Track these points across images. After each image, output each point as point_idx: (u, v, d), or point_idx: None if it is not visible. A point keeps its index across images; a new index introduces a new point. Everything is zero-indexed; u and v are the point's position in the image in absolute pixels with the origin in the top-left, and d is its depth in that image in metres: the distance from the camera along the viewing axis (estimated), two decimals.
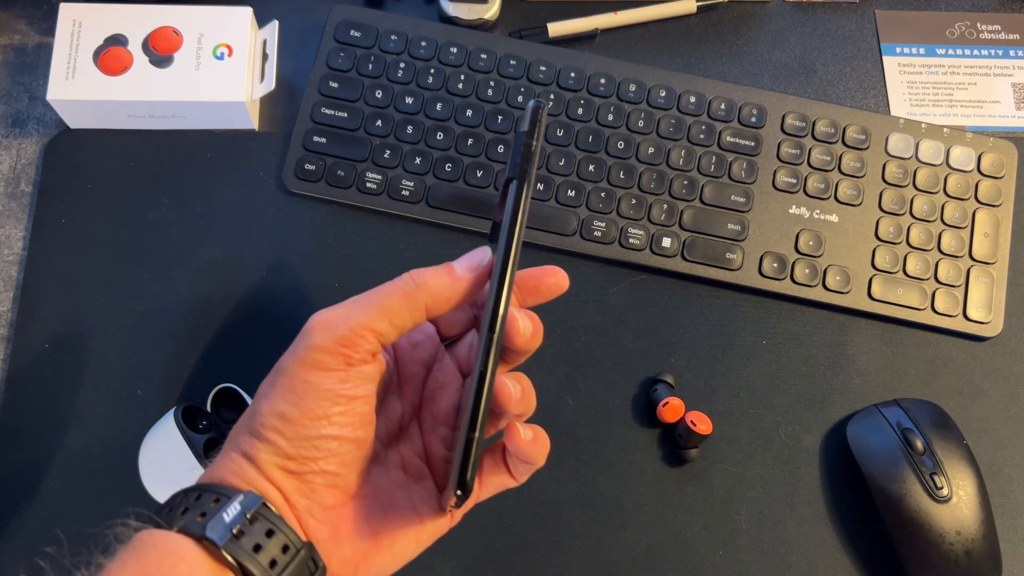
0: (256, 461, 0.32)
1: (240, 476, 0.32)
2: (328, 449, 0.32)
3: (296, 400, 0.31)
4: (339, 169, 0.56)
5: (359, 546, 0.33)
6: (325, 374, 0.32)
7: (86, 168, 0.57)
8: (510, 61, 0.59)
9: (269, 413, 0.32)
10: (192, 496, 0.32)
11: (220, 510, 0.30)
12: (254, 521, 0.30)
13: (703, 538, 0.51)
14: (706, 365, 0.54)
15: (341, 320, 0.32)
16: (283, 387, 0.32)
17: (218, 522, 0.30)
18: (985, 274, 0.56)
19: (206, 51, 0.56)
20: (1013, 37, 0.64)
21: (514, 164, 0.33)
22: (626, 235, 0.56)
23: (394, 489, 0.35)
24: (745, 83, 0.60)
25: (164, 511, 0.32)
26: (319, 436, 0.32)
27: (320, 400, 0.31)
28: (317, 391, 0.31)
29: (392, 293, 0.33)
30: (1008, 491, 0.53)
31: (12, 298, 0.54)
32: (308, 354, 0.32)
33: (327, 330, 0.32)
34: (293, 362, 0.32)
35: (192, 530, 0.30)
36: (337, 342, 0.31)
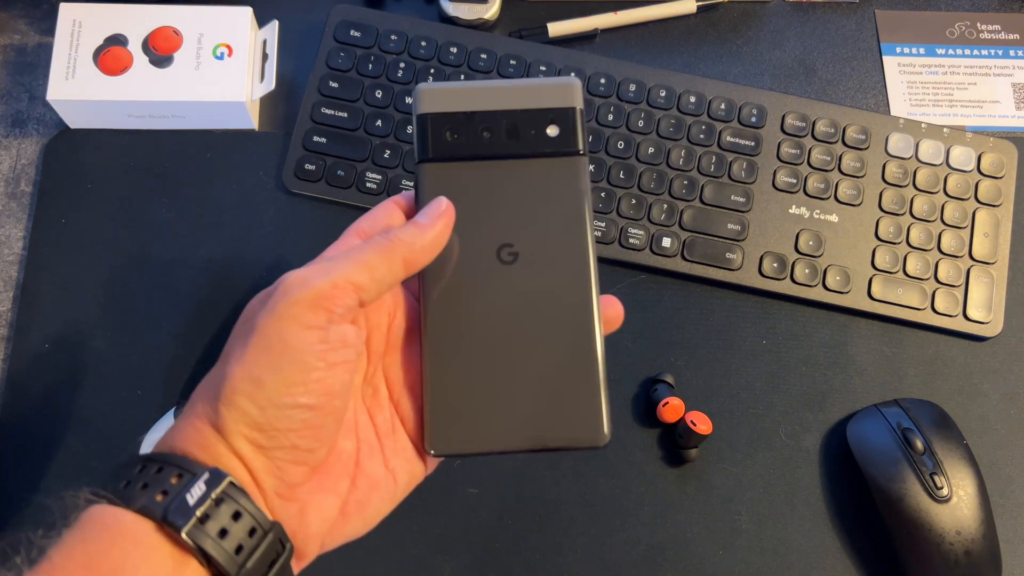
0: (224, 432, 0.29)
1: (205, 449, 0.29)
2: (302, 420, 0.30)
3: (272, 362, 0.29)
4: (339, 169, 0.56)
5: (326, 518, 0.32)
6: (304, 331, 0.29)
7: (86, 168, 0.57)
8: (510, 61, 0.59)
9: (241, 377, 0.29)
10: (152, 469, 0.29)
11: (183, 489, 0.28)
12: (220, 502, 0.28)
13: (703, 538, 0.51)
14: (706, 365, 0.54)
15: (318, 275, 0.30)
16: (257, 347, 0.29)
17: (181, 504, 0.28)
18: (985, 274, 0.56)
19: (206, 51, 0.56)
20: (1013, 37, 0.64)
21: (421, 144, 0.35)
22: (626, 235, 0.56)
23: (363, 451, 0.33)
24: (745, 83, 0.60)
25: (120, 484, 0.29)
26: (294, 405, 0.29)
27: (297, 363, 0.29)
28: (295, 351, 0.29)
29: (368, 248, 0.32)
30: (1008, 491, 0.53)
31: (12, 298, 0.54)
32: (286, 309, 0.29)
33: (303, 285, 0.30)
34: (268, 319, 0.30)
35: (152, 511, 0.28)
36: (316, 295, 0.30)
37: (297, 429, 0.30)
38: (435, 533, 0.51)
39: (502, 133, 0.35)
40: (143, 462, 0.29)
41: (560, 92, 0.35)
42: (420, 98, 0.35)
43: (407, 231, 0.32)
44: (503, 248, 0.34)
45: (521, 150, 0.35)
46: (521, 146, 0.35)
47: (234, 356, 0.30)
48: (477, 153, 0.35)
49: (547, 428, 0.32)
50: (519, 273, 0.34)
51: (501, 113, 0.35)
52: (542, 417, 0.33)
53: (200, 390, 0.31)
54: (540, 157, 0.34)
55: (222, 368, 0.30)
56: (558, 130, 0.35)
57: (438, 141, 0.35)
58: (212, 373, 0.31)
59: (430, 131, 0.35)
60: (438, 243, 0.33)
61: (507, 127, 0.35)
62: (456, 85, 0.36)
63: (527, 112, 0.35)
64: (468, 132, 0.35)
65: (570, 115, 0.35)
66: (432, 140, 0.35)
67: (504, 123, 0.35)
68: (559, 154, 0.35)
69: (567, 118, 0.35)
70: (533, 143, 0.35)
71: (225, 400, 0.29)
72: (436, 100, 0.35)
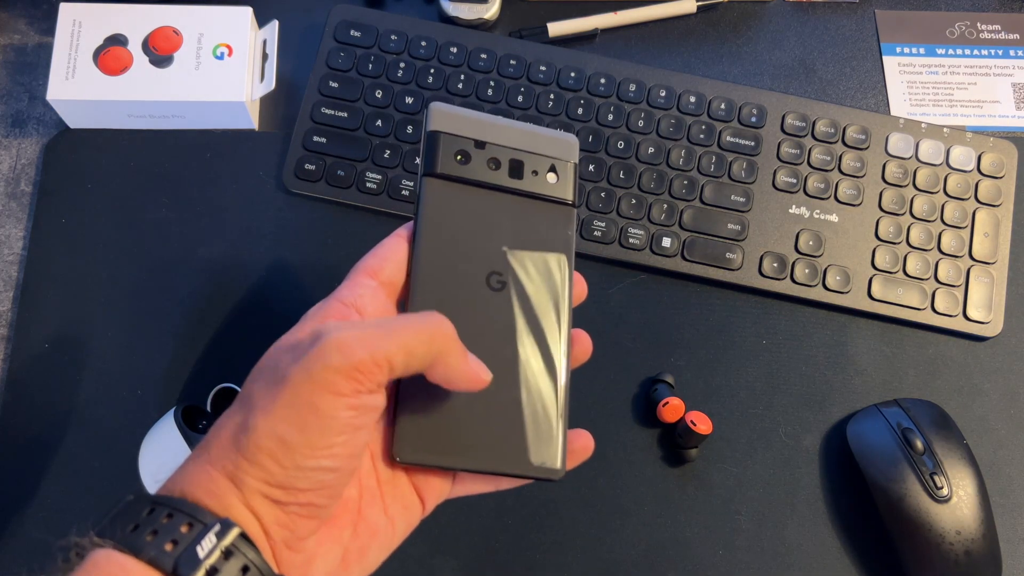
0: (241, 485, 0.29)
1: (218, 499, 0.29)
2: (321, 481, 0.29)
3: (301, 425, 0.29)
4: (339, 169, 0.56)
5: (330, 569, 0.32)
6: (336, 399, 0.29)
7: (86, 168, 0.57)
8: (510, 61, 0.59)
9: (268, 435, 0.29)
10: (161, 515, 0.28)
11: (194, 542, 0.27)
12: (229, 555, 0.28)
13: (703, 538, 0.51)
14: (706, 365, 0.54)
15: (360, 344, 0.29)
16: (287, 406, 0.29)
17: (191, 556, 0.27)
18: (985, 274, 0.56)
19: (206, 51, 0.56)
20: (1013, 37, 0.64)
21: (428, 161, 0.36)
22: (626, 235, 0.56)
23: (365, 499, 0.33)
24: (745, 83, 0.60)
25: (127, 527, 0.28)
26: (317, 468, 0.29)
27: (326, 429, 0.29)
28: (324, 418, 0.29)
29: (417, 331, 0.30)
30: (1008, 491, 0.53)
31: (12, 298, 0.54)
32: (322, 374, 0.29)
33: (345, 352, 0.29)
34: (303, 379, 0.29)
35: (162, 563, 0.27)
36: (354, 367, 0.29)
37: (315, 488, 0.30)
38: (435, 533, 0.51)
39: (506, 168, 0.37)
40: (151, 505, 0.29)
41: (562, 146, 0.38)
42: (433, 115, 0.37)
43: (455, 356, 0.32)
44: (492, 275, 0.35)
45: (521, 187, 0.37)
46: (522, 184, 0.37)
47: (259, 408, 0.29)
48: (481, 180, 0.36)
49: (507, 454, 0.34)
50: (503, 301, 0.35)
51: (509, 149, 0.37)
52: (504, 443, 0.34)
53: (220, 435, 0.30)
54: (537, 199, 0.37)
55: (245, 417, 0.30)
56: (556, 178, 0.37)
57: (446, 160, 0.36)
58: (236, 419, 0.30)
59: (440, 148, 0.36)
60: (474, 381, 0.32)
61: (512, 163, 0.37)
62: (468, 112, 0.38)
63: (532, 155, 0.37)
64: (475, 159, 0.36)
65: (569, 168, 0.38)
66: (441, 157, 0.36)
67: (510, 159, 0.37)
68: (554, 200, 0.37)
69: (566, 170, 0.38)
70: (533, 184, 0.37)
71: (248, 455, 0.29)
72: (448, 121, 0.37)
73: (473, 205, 0.36)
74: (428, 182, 0.36)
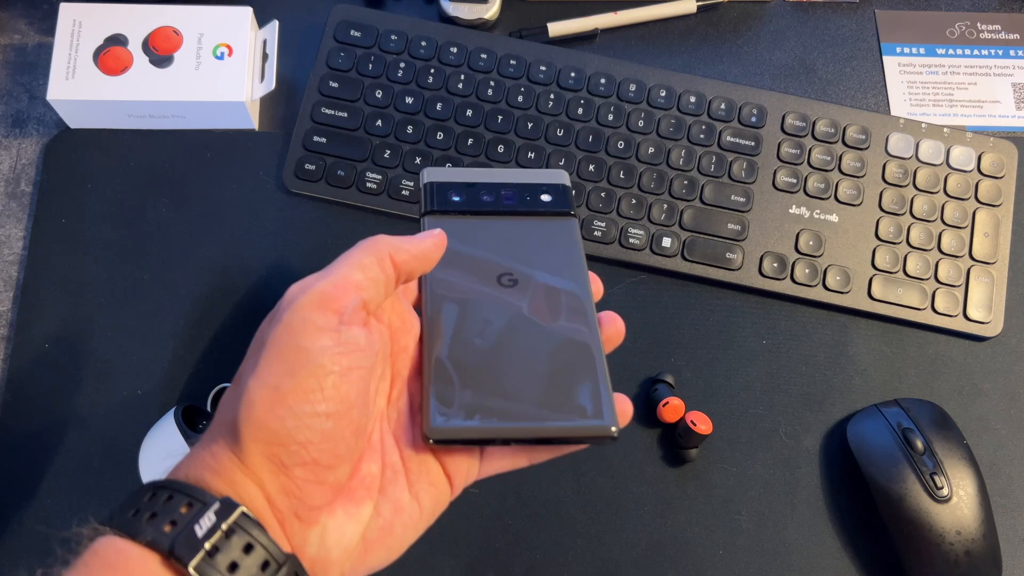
0: (242, 452, 0.29)
1: (219, 474, 0.29)
2: (321, 431, 0.29)
3: (288, 369, 0.29)
4: (339, 169, 0.56)
5: (347, 546, 0.31)
6: (318, 334, 0.29)
7: (86, 168, 0.57)
8: (510, 61, 0.59)
9: (257, 387, 0.29)
10: (161, 497, 0.28)
11: (192, 520, 0.27)
12: (231, 534, 0.27)
13: (703, 538, 0.51)
14: (706, 365, 0.54)
15: (317, 279, 0.31)
16: (270, 357, 0.29)
17: (189, 536, 0.27)
18: (985, 274, 0.56)
19: (206, 51, 0.56)
20: (1013, 37, 0.64)
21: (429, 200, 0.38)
22: (626, 235, 0.56)
23: (387, 475, 0.32)
24: (745, 83, 0.60)
25: (128, 513, 0.28)
26: (313, 413, 0.29)
27: (313, 366, 0.29)
28: (309, 354, 0.29)
29: (356, 250, 0.32)
30: (1008, 491, 0.53)
31: (12, 298, 0.54)
32: (294, 315, 0.29)
33: (307, 289, 0.30)
34: (280, 329, 0.30)
35: (159, 543, 0.27)
36: (320, 296, 0.30)
37: (316, 441, 0.29)
38: (435, 533, 0.50)
39: (500, 196, 0.39)
40: (153, 489, 0.28)
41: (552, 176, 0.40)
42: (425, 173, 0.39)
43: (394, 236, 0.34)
44: (503, 275, 0.36)
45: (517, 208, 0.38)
46: (517, 206, 0.38)
47: (249, 371, 0.30)
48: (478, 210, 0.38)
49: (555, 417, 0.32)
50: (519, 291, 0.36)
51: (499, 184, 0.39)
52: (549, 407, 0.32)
53: (221, 410, 0.30)
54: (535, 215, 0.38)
55: (237, 388, 0.30)
56: (551, 197, 0.39)
57: (441, 198, 0.38)
58: (230, 391, 0.31)
59: (435, 192, 0.38)
60: (427, 254, 0.34)
61: (504, 193, 0.39)
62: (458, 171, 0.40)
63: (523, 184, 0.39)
64: (470, 196, 0.38)
65: (561, 188, 0.39)
66: (437, 197, 0.38)
67: (502, 190, 0.39)
68: (552, 213, 0.38)
69: (559, 190, 0.39)
70: (529, 204, 0.38)
71: (243, 414, 0.29)
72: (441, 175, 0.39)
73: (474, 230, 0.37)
74: (425, 221, 0.37)
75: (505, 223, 0.38)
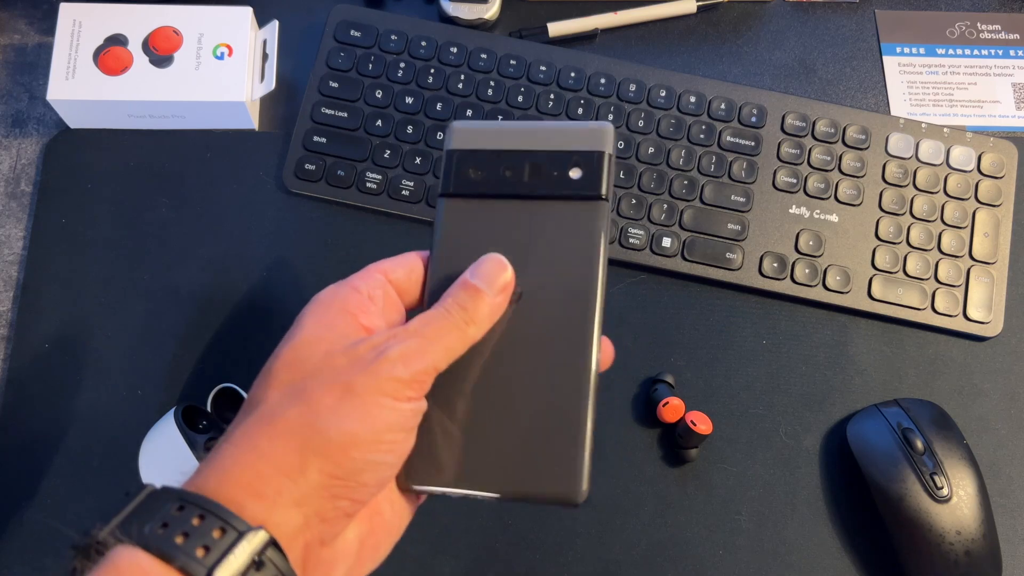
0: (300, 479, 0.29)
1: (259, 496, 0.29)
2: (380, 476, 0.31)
3: (371, 424, 0.30)
4: (339, 169, 0.56)
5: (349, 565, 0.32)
6: (399, 403, 0.31)
7: (86, 168, 0.57)
8: (510, 61, 0.59)
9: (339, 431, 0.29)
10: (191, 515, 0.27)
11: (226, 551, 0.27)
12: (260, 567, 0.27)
13: (703, 538, 0.51)
14: (706, 365, 0.54)
15: (419, 359, 0.31)
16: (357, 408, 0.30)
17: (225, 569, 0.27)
18: (985, 274, 0.56)
19: (206, 51, 0.56)
20: (1013, 37, 0.64)
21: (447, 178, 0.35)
22: (626, 235, 0.56)
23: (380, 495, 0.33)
24: (745, 83, 0.60)
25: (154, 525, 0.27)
26: (381, 463, 0.31)
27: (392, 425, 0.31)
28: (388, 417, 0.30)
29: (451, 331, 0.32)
30: (1008, 491, 0.53)
31: (12, 298, 0.54)
32: (388, 384, 0.30)
33: (406, 366, 0.31)
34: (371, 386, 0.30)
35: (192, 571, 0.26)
36: (413, 378, 0.31)
37: (375, 484, 0.31)
38: (435, 533, 0.51)
39: (524, 173, 0.34)
40: (180, 502, 0.28)
41: (591, 136, 0.35)
42: (452, 135, 0.36)
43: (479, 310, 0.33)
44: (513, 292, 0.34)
45: (541, 191, 0.34)
46: (542, 187, 0.34)
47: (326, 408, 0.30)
48: (498, 192, 0.34)
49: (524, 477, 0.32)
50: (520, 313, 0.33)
51: (526, 153, 0.35)
52: (521, 466, 0.32)
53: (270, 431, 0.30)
54: (560, 200, 0.34)
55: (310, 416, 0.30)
56: (581, 173, 0.34)
57: (461, 177, 0.35)
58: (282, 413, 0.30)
59: (455, 167, 0.35)
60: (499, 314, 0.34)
61: (530, 168, 0.34)
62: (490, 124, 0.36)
63: (552, 153, 0.34)
64: (492, 170, 0.35)
65: (595, 159, 0.34)
66: (455, 176, 0.35)
67: (528, 164, 0.34)
68: (579, 197, 0.34)
69: (592, 162, 0.34)
70: (553, 185, 0.34)
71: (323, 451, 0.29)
72: (467, 138, 0.35)
73: (491, 218, 0.34)
74: (443, 203, 0.35)
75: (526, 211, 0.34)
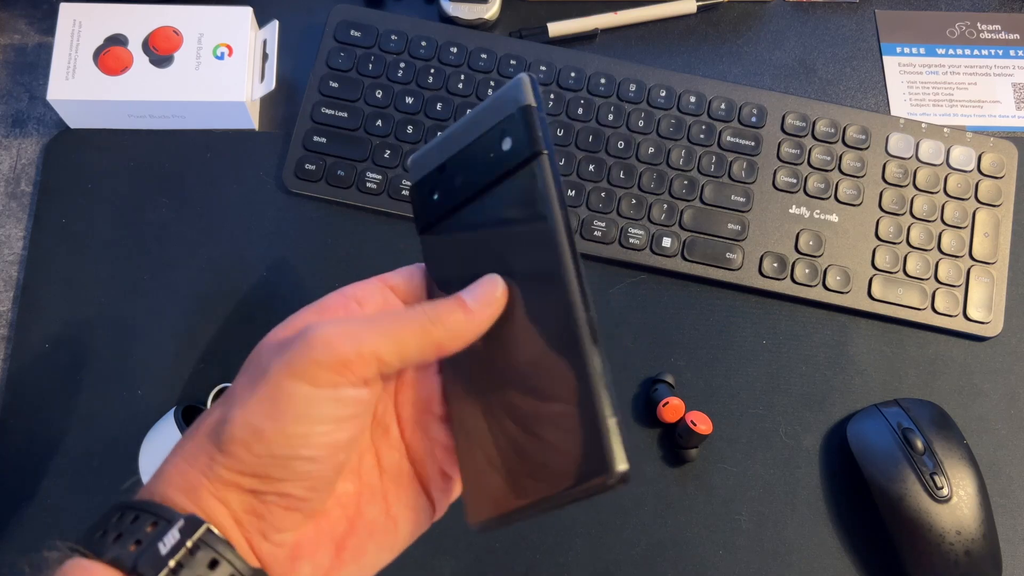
0: (211, 475, 0.28)
1: (185, 492, 0.28)
2: (299, 472, 0.28)
3: (275, 413, 0.28)
4: (339, 169, 0.56)
5: (320, 565, 0.30)
6: (314, 390, 0.28)
7: (86, 168, 0.57)
8: (510, 61, 0.59)
9: (241, 424, 0.28)
10: (128, 518, 0.28)
11: (156, 538, 0.27)
12: (195, 550, 0.27)
13: (703, 538, 0.51)
14: (706, 365, 0.54)
15: (346, 340, 0.28)
16: (263, 396, 0.28)
17: (153, 554, 0.26)
18: (985, 274, 0.56)
19: (206, 51, 0.56)
20: (1013, 37, 0.64)
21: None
22: (626, 235, 0.56)
23: (364, 495, 0.32)
24: (745, 83, 0.60)
25: (96, 534, 0.28)
26: (294, 456, 0.28)
27: (302, 418, 0.28)
28: (300, 407, 0.28)
29: (407, 324, 0.29)
30: (1008, 491, 0.53)
31: (12, 298, 0.54)
32: (303, 367, 0.28)
33: (330, 346, 0.28)
34: (281, 369, 0.28)
35: (123, 561, 0.27)
36: (338, 362, 0.28)
37: (292, 479, 0.28)
38: (435, 533, 0.50)
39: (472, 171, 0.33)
40: (121, 511, 0.28)
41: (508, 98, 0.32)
42: (410, 169, 0.35)
43: (453, 316, 0.30)
44: None
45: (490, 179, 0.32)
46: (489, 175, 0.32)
47: (239, 399, 0.29)
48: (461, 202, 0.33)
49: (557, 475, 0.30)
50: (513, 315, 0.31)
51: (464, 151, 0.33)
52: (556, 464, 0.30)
53: (197, 428, 0.30)
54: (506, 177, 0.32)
55: (227, 411, 0.29)
56: (511, 141, 0.32)
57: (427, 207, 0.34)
58: (216, 411, 0.30)
59: (418, 201, 0.34)
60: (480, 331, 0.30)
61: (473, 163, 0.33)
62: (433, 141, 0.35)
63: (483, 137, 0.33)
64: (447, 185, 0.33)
65: (518, 119, 0.32)
66: (421, 209, 0.34)
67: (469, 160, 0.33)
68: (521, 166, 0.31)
69: (516, 124, 0.32)
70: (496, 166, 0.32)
71: (220, 445, 0.28)
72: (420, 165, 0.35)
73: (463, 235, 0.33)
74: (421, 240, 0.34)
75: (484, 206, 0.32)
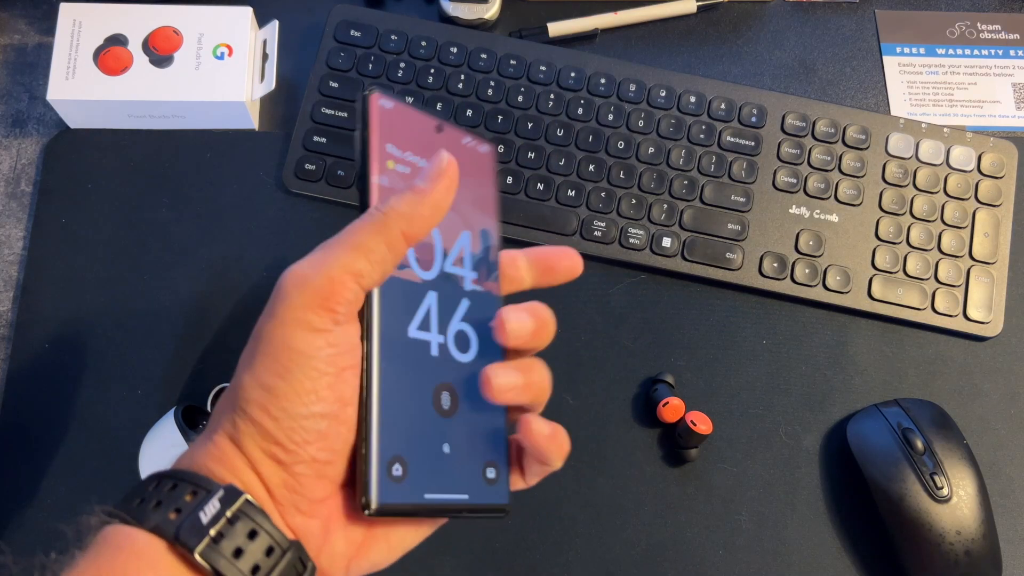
0: (241, 445, 0.29)
1: (223, 463, 0.29)
2: (317, 431, 0.28)
3: (282, 371, 0.28)
4: (339, 169, 0.56)
5: (352, 539, 0.30)
6: (312, 335, 0.28)
7: (86, 168, 0.57)
8: (510, 61, 0.59)
9: (253, 386, 0.28)
10: (167, 486, 0.28)
11: (197, 507, 0.27)
12: (235, 520, 0.27)
13: (703, 538, 0.51)
14: (706, 365, 0.54)
15: (315, 269, 0.29)
16: (265, 355, 0.28)
17: (194, 522, 0.27)
18: (985, 274, 0.56)
19: (206, 51, 0.56)
20: (1013, 37, 0.64)
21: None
22: (626, 235, 0.56)
23: None
24: (745, 83, 0.60)
25: (134, 502, 0.28)
26: (308, 415, 0.28)
27: (308, 370, 0.28)
28: (304, 357, 0.28)
29: (361, 228, 0.30)
30: (1008, 491, 0.53)
31: (12, 298, 0.54)
32: (289, 313, 0.28)
33: (303, 284, 0.29)
34: (272, 326, 0.28)
35: (165, 530, 0.27)
36: (317, 295, 0.28)
37: (313, 440, 0.28)
38: (435, 533, 0.50)
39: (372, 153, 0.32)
40: (158, 479, 0.28)
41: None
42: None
43: (404, 200, 0.30)
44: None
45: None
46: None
47: (245, 365, 0.29)
48: None
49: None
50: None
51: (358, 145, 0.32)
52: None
53: (221, 402, 0.30)
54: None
55: (238, 378, 0.29)
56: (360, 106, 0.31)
57: None
58: (231, 384, 0.30)
59: None
60: (441, 208, 0.30)
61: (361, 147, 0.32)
62: None
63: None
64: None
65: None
66: None
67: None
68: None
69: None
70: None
71: (240, 412, 0.28)
72: None
73: None
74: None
75: None
